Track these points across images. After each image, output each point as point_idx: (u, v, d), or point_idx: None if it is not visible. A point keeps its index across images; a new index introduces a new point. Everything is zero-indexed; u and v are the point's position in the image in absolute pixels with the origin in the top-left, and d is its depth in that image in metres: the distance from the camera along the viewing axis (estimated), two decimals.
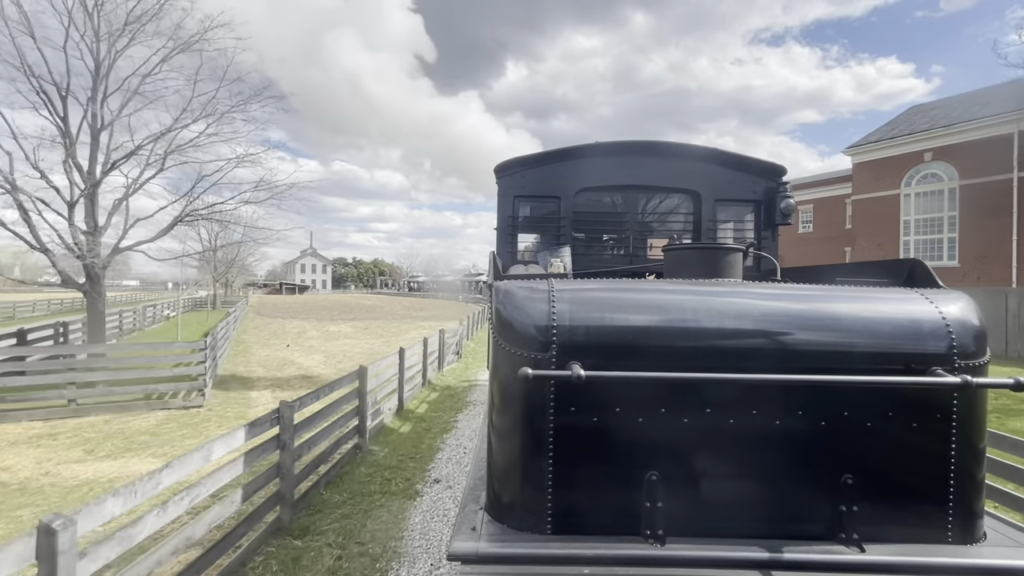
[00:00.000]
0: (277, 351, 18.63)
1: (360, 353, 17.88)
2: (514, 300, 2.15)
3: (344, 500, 5.75)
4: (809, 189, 38.73)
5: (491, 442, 2.22)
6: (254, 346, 19.94)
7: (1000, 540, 2.10)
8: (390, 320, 33.74)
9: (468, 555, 1.90)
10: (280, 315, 36.34)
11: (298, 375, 13.98)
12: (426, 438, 8.27)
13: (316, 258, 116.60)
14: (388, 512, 5.48)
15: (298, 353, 18.00)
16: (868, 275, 3.00)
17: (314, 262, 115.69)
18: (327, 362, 16.13)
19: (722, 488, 2.06)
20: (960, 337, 2.03)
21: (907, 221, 25.68)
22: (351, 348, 19.35)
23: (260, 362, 16.05)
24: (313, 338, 22.66)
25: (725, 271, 2.85)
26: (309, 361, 16.19)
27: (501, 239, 4.53)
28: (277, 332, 24.97)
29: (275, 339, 22.29)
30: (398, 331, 25.89)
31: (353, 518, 5.31)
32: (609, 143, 4.56)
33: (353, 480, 6.35)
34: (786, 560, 1.87)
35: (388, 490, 6.06)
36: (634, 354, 2.00)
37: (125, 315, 22.17)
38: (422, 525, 5.20)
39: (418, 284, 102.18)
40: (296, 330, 26.12)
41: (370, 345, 20.26)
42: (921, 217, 25.22)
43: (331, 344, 20.49)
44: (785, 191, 4.46)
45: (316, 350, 18.81)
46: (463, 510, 2.28)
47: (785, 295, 2.23)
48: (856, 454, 2.03)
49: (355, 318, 34.78)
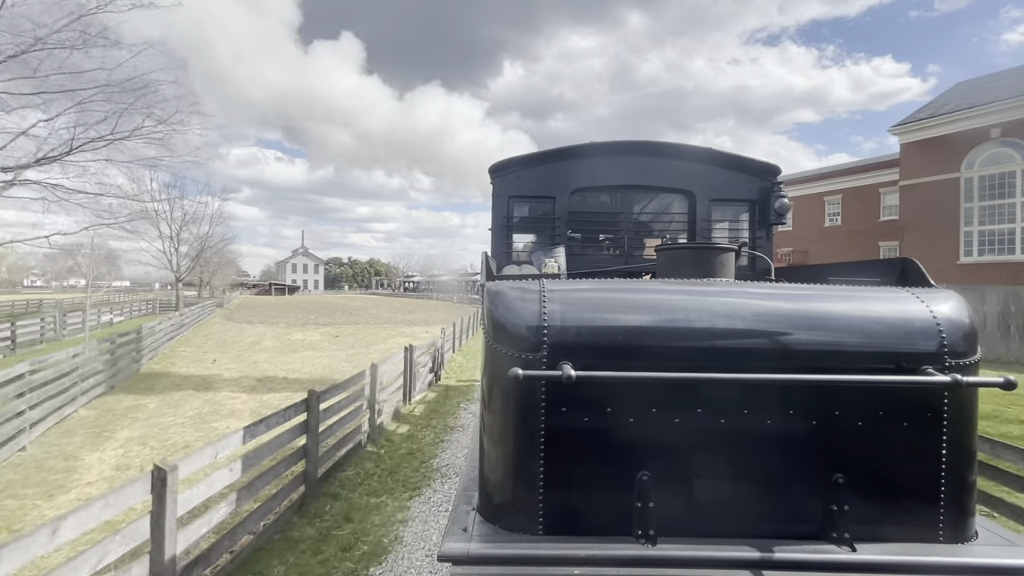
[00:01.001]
0: (207, 368, 14.88)
1: (311, 374, 14.09)
2: (505, 300, 2.15)
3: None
4: (836, 179, 34.91)
5: (483, 443, 2.20)
6: (181, 361, 16.17)
7: (991, 539, 2.08)
8: (370, 325, 30.02)
9: (459, 556, 1.89)
10: (250, 319, 32.59)
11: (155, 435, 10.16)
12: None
13: (308, 258, 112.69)
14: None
15: (231, 371, 14.23)
16: (860, 274, 2.98)
17: (306, 262, 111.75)
18: (255, 388, 12.34)
19: (713, 488, 2.04)
20: (951, 336, 2.03)
21: (969, 209, 21.87)
22: (304, 365, 15.56)
23: (159, 386, 12.29)
24: (265, 350, 18.87)
25: (717, 271, 2.85)
26: (222, 395, 12.25)
27: (496, 239, 4.53)
28: (228, 342, 21.16)
29: (221, 351, 18.52)
30: (374, 339, 22.17)
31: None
32: (603, 143, 4.52)
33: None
34: (777, 560, 1.86)
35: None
36: (625, 354, 2.00)
37: (26, 326, 18.39)
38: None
39: (414, 284, 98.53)
40: (251, 339, 22.32)
41: (330, 361, 16.48)
42: (987, 204, 21.41)
43: (282, 360, 16.69)
44: (779, 191, 4.40)
45: (256, 368, 15.02)
46: (455, 511, 2.26)
47: (776, 295, 2.24)
48: (847, 453, 2.02)
49: (331, 322, 31.06)
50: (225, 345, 20.17)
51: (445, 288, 79.98)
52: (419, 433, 8.48)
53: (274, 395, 11.50)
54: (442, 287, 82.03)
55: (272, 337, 23.01)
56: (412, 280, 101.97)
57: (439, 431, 8.59)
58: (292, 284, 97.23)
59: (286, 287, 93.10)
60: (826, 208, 35.56)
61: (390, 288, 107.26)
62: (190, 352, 18.27)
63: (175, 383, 12.87)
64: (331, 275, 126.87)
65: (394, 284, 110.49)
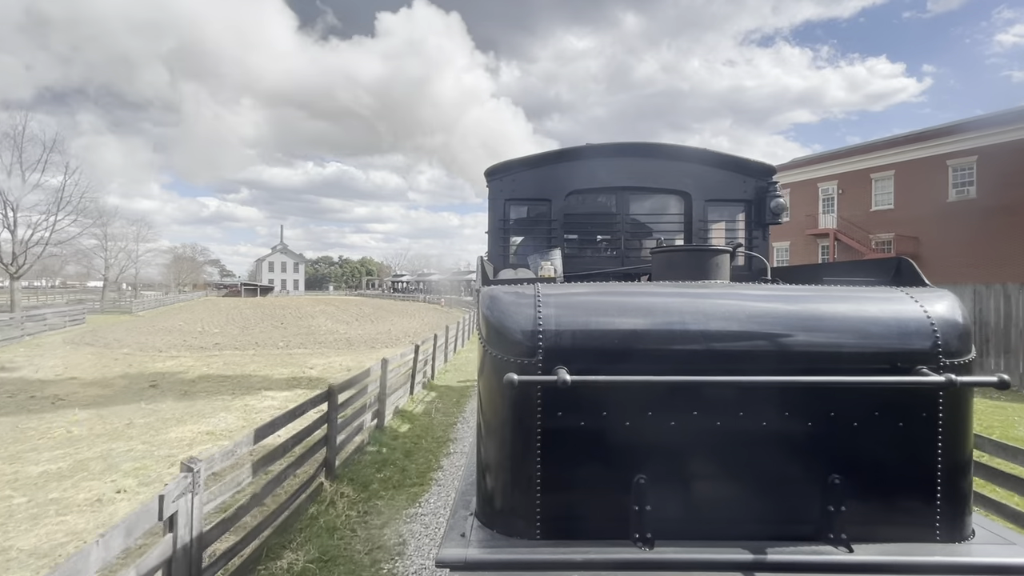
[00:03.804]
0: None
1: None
2: (500, 305, 2.14)
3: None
4: (963, 137, 24.58)
5: (480, 448, 2.21)
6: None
7: (988, 538, 2.07)
8: (294, 348, 19.97)
9: (456, 562, 1.88)
10: (97, 342, 22.56)
11: None
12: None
13: (287, 255, 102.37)
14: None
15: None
16: (855, 274, 2.97)
17: (284, 259, 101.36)
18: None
19: (710, 490, 2.03)
20: (945, 336, 2.02)
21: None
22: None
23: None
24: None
25: (712, 272, 2.85)
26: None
27: (492, 242, 4.48)
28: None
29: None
30: (254, 385, 12.09)
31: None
32: (599, 145, 4.48)
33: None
34: (774, 561, 1.87)
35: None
36: (620, 357, 1.99)
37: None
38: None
39: (404, 284, 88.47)
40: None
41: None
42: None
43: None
44: (775, 190, 4.36)
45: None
46: (453, 516, 2.26)
47: (771, 296, 2.25)
48: (843, 454, 2.01)
49: (237, 344, 21.04)
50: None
51: (436, 288, 72.52)
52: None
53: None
54: (433, 287, 74.17)
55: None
56: (400, 280, 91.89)
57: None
58: (264, 285, 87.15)
59: (258, 287, 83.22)
60: (950, 176, 25.16)
61: (380, 289, 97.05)
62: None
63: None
64: (319, 274, 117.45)
65: (384, 285, 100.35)
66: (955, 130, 24.74)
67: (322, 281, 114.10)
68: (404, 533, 5.01)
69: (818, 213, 31.18)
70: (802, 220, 31.55)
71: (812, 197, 31.54)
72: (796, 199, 32.35)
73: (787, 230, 32.83)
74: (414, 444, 7.68)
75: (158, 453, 7.42)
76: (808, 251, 31.41)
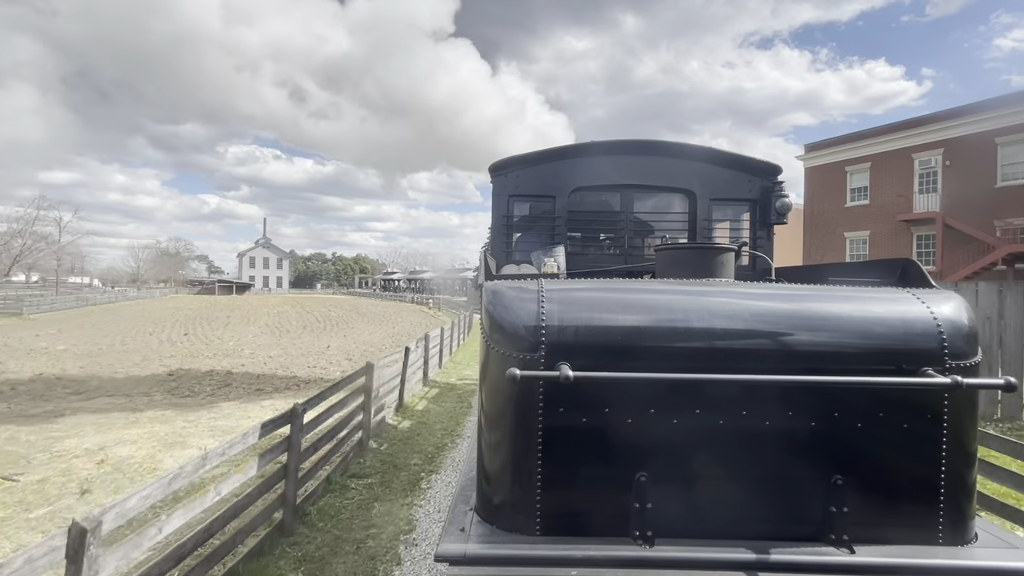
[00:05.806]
0: None
1: None
2: (503, 300, 2.12)
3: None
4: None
5: (481, 443, 2.19)
6: None
7: (991, 541, 2.05)
8: (93, 398, 12.66)
9: (456, 556, 1.88)
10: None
11: None
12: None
13: (271, 251, 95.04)
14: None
15: None
16: (860, 275, 2.99)
17: (267, 255, 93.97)
18: None
19: (711, 489, 2.02)
20: (951, 337, 2.01)
21: None
22: None
23: None
24: None
25: (716, 271, 2.83)
26: None
27: (496, 239, 4.51)
28: None
29: None
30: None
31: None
32: (604, 142, 4.48)
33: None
34: (775, 561, 1.86)
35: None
36: (623, 354, 1.99)
37: None
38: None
39: (396, 283, 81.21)
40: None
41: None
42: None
43: None
44: (780, 190, 4.35)
45: None
46: (453, 511, 2.24)
47: (776, 295, 2.23)
48: (846, 455, 2.00)
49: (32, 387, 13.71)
50: None
51: (429, 287, 66.47)
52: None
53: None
54: (427, 286, 68.07)
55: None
56: (391, 278, 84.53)
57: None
58: (241, 282, 79.81)
59: (234, 285, 76.01)
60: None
61: (374, 287, 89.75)
62: None
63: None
64: (310, 272, 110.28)
65: (376, 283, 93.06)
66: None
67: (311, 279, 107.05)
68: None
69: (913, 192, 23.50)
70: (889, 202, 23.91)
71: (904, 172, 23.85)
72: (878, 177, 24.67)
73: (867, 217, 25.09)
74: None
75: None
76: (898, 242, 23.74)
